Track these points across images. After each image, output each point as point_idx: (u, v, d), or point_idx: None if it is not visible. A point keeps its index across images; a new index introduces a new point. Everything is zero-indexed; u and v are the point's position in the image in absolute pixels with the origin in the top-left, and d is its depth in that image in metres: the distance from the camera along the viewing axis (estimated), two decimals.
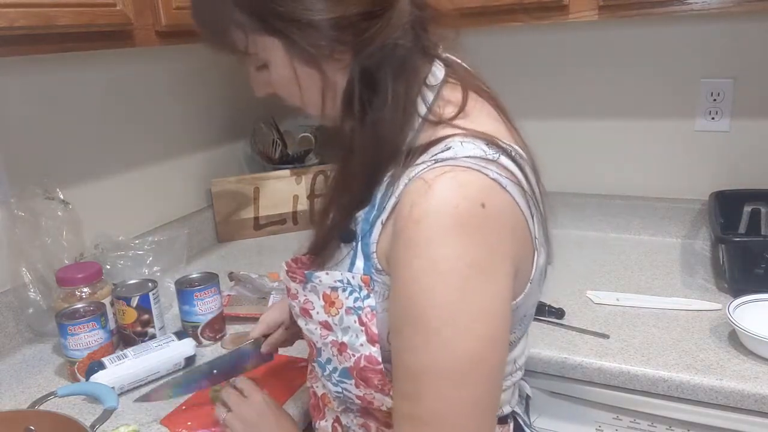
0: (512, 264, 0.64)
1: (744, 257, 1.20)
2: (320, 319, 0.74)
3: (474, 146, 0.64)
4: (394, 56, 0.66)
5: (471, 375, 0.61)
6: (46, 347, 1.19)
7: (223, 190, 1.73)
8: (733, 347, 1.05)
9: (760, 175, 1.45)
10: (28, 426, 0.82)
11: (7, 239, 1.19)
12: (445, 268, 0.60)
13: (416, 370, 0.62)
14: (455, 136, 0.65)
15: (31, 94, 1.26)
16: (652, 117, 1.53)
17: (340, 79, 0.69)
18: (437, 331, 0.60)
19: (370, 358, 0.70)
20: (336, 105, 0.71)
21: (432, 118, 0.68)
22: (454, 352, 0.61)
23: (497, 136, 0.67)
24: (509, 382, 0.79)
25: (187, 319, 1.16)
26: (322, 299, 0.73)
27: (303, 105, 0.74)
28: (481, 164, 0.63)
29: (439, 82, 0.70)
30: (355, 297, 0.70)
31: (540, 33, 1.58)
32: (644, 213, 1.57)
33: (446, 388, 0.61)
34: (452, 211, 0.59)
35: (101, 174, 1.42)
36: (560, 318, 1.18)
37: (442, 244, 0.60)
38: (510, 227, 0.64)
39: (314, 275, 0.73)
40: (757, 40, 1.39)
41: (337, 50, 0.66)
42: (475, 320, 0.61)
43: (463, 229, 0.60)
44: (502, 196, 0.63)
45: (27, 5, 0.88)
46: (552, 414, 1.14)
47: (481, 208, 0.60)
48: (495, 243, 0.62)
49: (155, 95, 1.56)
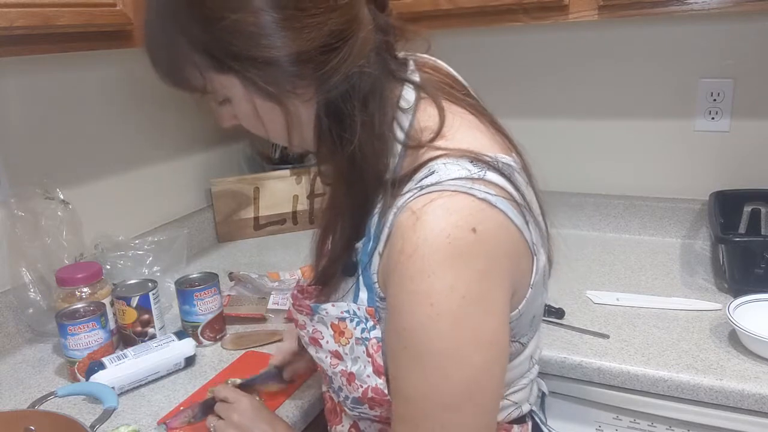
0: (509, 283, 0.64)
1: (744, 257, 1.20)
2: (330, 349, 0.74)
3: (458, 167, 0.63)
4: (360, 85, 0.64)
5: (468, 403, 0.62)
6: (46, 347, 1.19)
7: (223, 190, 1.73)
8: (733, 347, 1.05)
9: (760, 175, 1.45)
10: (28, 426, 0.82)
11: (7, 239, 1.19)
12: (439, 300, 0.59)
13: (413, 396, 0.63)
14: (438, 158, 0.64)
15: (31, 94, 1.26)
16: (652, 117, 1.53)
17: (305, 112, 0.67)
18: (433, 362, 0.61)
19: (376, 390, 0.70)
20: (304, 138, 0.69)
21: (411, 143, 0.67)
22: (450, 382, 0.61)
23: (480, 150, 0.65)
24: (526, 379, 0.79)
25: (187, 319, 1.16)
26: (331, 329, 0.73)
27: (269, 138, 0.72)
28: (467, 185, 0.61)
29: (413, 103, 0.69)
30: (362, 328, 0.70)
31: (540, 33, 1.58)
32: (644, 213, 1.57)
33: (443, 415, 0.62)
34: (443, 242, 0.59)
35: (101, 174, 1.42)
36: (560, 318, 1.18)
37: (436, 277, 0.59)
38: (504, 247, 0.63)
39: (320, 307, 0.73)
40: (757, 40, 1.39)
41: (299, 86, 0.64)
42: (471, 350, 0.61)
43: (456, 260, 0.59)
44: (493, 215, 0.62)
45: (26, 5, 0.88)
46: (552, 414, 1.14)
47: (473, 234, 0.59)
48: (488, 268, 0.61)
49: (155, 95, 1.56)
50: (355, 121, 0.64)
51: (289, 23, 0.60)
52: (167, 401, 1.00)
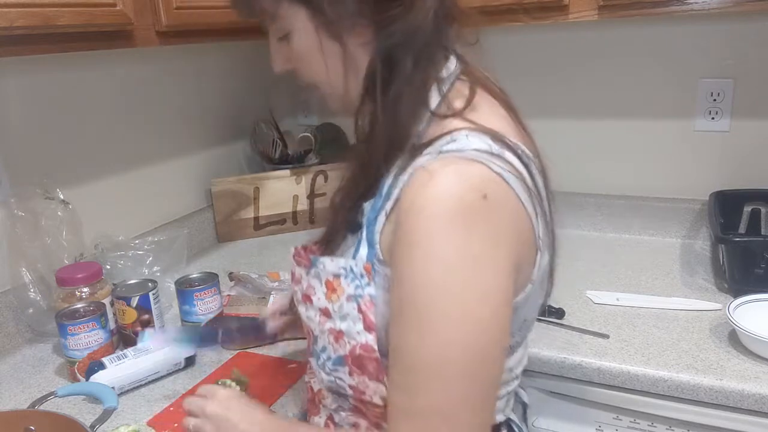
0: (513, 257, 0.63)
1: (744, 257, 1.20)
2: (320, 306, 0.74)
3: (479, 140, 0.65)
4: (415, 41, 0.67)
5: (468, 367, 0.61)
6: (46, 347, 1.19)
7: (223, 190, 1.73)
8: (733, 347, 1.05)
9: (760, 175, 1.45)
10: (28, 426, 0.82)
11: (7, 239, 1.19)
12: (445, 259, 0.60)
13: (414, 362, 0.62)
14: (462, 130, 0.66)
15: (31, 94, 1.26)
16: (652, 117, 1.53)
17: (361, 56, 0.70)
18: (436, 321, 0.60)
19: (365, 347, 0.70)
20: (357, 83, 0.71)
21: (440, 112, 0.69)
22: (452, 344, 0.61)
23: (504, 133, 0.67)
24: (504, 390, 0.79)
25: (187, 319, 1.16)
26: (325, 286, 0.73)
27: (322, 80, 0.74)
28: (485, 157, 0.63)
29: (452, 75, 0.71)
30: (356, 285, 0.70)
31: (540, 33, 1.58)
32: (644, 213, 1.57)
33: (443, 381, 0.61)
34: (453, 202, 0.60)
35: (101, 174, 1.42)
36: (560, 318, 1.18)
37: (443, 236, 0.60)
38: (511, 220, 0.64)
39: (319, 260, 0.73)
40: (757, 40, 1.39)
41: (359, 24, 0.68)
42: (475, 312, 0.61)
43: (464, 221, 0.60)
44: (505, 189, 0.63)
45: (27, 5, 0.88)
46: (552, 414, 1.14)
47: (483, 200, 0.60)
48: (495, 235, 0.62)
49: (155, 95, 1.56)
50: (403, 74, 0.67)
51: None
52: (167, 401, 1.00)
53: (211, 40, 1.33)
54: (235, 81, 1.85)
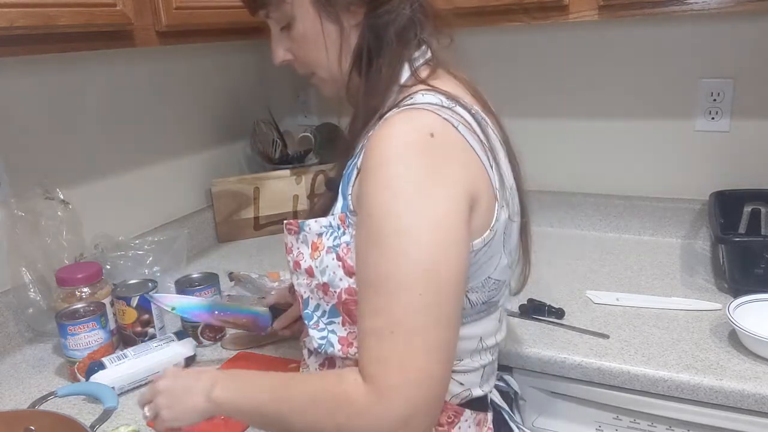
0: (463, 186, 0.69)
1: (744, 257, 1.20)
2: (306, 267, 0.79)
3: (433, 97, 0.74)
4: (399, 21, 0.77)
5: (426, 282, 0.65)
6: (46, 347, 1.19)
7: (223, 190, 1.73)
8: (733, 347, 1.05)
9: (760, 175, 1.45)
10: (28, 426, 0.82)
11: (7, 239, 1.19)
12: (394, 183, 0.66)
13: (375, 282, 0.67)
14: (420, 91, 0.75)
15: (31, 94, 1.26)
16: (652, 117, 1.53)
17: (353, 36, 0.78)
18: (390, 241, 0.66)
19: (349, 290, 0.75)
20: (347, 61, 0.80)
21: (409, 83, 0.77)
22: (407, 260, 0.65)
23: (462, 98, 0.76)
24: (476, 363, 0.81)
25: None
26: (310, 247, 0.79)
27: (323, 63, 0.80)
28: (435, 108, 0.71)
29: (424, 59, 0.80)
30: (334, 237, 0.76)
31: (540, 33, 1.58)
32: (644, 213, 1.57)
33: (404, 296, 0.65)
34: (402, 137, 0.68)
35: (101, 174, 1.42)
36: (560, 318, 1.18)
37: (392, 164, 0.67)
38: (459, 155, 0.70)
39: (305, 223, 0.79)
40: (757, 40, 1.39)
41: (354, 3, 0.76)
42: (425, 229, 0.66)
43: (411, 151, 0.67)
44: (453, 132, 0.70)
45: (27, 5, 0.88)
46: (552, 414, 1.14)
47: (430, 137, 0.68)
48: (442, 164, 0.68)
49: (155, 95, 1.56)
50: (387, 49, 0.77)
51: None
52: None
53: (211, 40, 1.33)
54: (235, 81, 1.85)
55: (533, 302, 1.19)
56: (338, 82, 0.82)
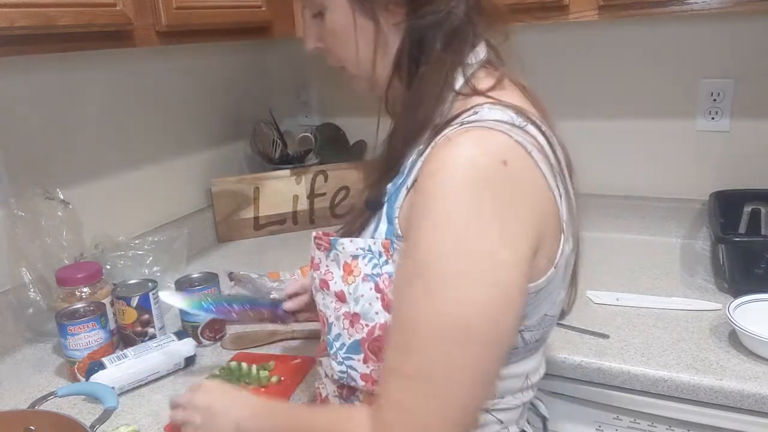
0: (531, 230, 0.61)
1: (744, 257, 1.20)
2: (336, 290, 0.72)
3: (502, 113, 0.64)
4: (446, 23, 0.68)
5: (465, 335, 0.59)
6: (46, 347, 1.19)
7: (223, 190, 1.73)
8: (733, 347, 1.05)
9: (760, 175, 1.45)
10: (28, 426, 0.82)
11: (7, 239, 1.19)
12: (455, 219, 0.58)
13: (413, 321, 0.60)
14: (484, 104, 0.66)
15: (31, 94, 1.26)
16: (653, 117, 1.53)
17: (392, 36, 0.71)
18: (440, 282, 0.58)
19: (384, 327, 0.68)
20: (386, 64, 0.72)
21: (465, 92, 0.69)
22: (454, 307, 0.58)
23: (529, 111, 0.67)
24: (518, 400, 0.76)
25: (187, 319, 1.16)
26: (342, 269, 0.72)
27: (353, 57, 0.74)
28: (506, 127, 0.62)
29: (479, 61, 0.72)
30: (374, 264, 0.69)
31: (540, 33, 1.58)
32: (644, 213, 1.57)
33: (440, 344, 0.59)
34: (469, 164, 0.59)
35: (101, 174, 1.42)
36: (560, 318, 1.17)
37: (455, 195, 0.59)
38: (531, 191, 0.62)
39: (338, 241, 0.73)
40: (757, 40, 1.39)
41: (393, 3, 0.69)
42: (482, 277, 0.58)
43: (479, 183, 0.59)
44: (526, 159, 0.62)
45: (27, 5, 0.88)
46: (552, 414, 1.14)
47: (502, 165, 0.59)
48: (512, 201, 0.60)
49: (155, 95, 1.56)
50: (432, 55, 0.69)
51: None
52: (167, 401, 0.99)
53: (211, 40, 1.33)
54: (235, 81, 1.85)
55: None
56: (370, 81, 0.75)
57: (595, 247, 1.54)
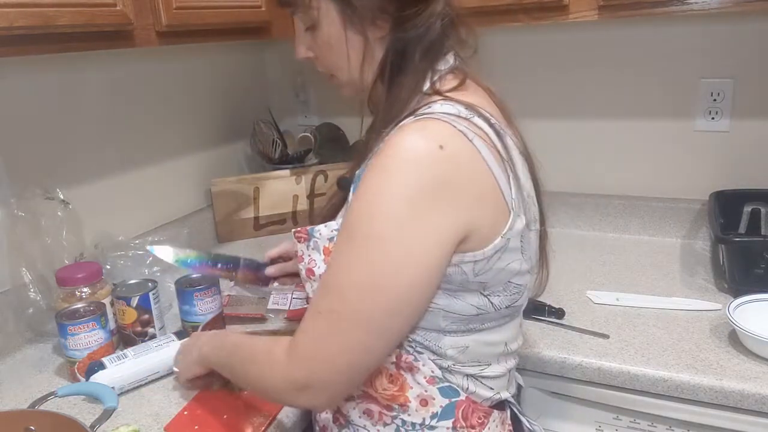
0: (461, 207, 0.68)
1: (744, 257, 1.20)
2: (320, 273, 0.78)
3: (451, 106, 0.73)
4: (425, 37, 0.77)
5: (376, 288, 0.68)
6: (46, 347, 1.19)
7: (223, 190, 1.73)
8: (733, 347, 1.05)
9: (760, 175, 1.45)
10: (28, 426, 0.82)
11: (7, 239, 1.19)
12: (383, 189, 0.67)
13: (337, 270, 0.71)
14: (439, 100, 0.75)
15: (31, 94, 1.26)
16: (652, 117, 1.53)
17: (377, 48, 0.79)
18: (362, 241, 0.68)
19: None
20: (372, 72, 0.80)
21: (429, 92, 0.77)
22: (369, 264, 0.68)
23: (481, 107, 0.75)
24: (503, 367, 0.83)
25: (187, 319, 1.16)
26: (323, 253, 0.79)
27: (344, 67, 0.81)
28: (451, 118, 0.71)
29: (448, 68, 0.80)
30: None
31: (540, 33, 1.58)
32: (644, 213, 1.57)
33: (352, 291, 0.69)
34: (409, 146, 0.68)
35: (101, 174, 1.42)
36: (560, 318, 1.18)
37: (394, 172, 0.67)
38: (466, 173, 0.69)
39: (315, 229, 0.79)
40: (757, 40, 1.39)
41: (380, 18, 0.76)
42: (394, 246, 0.67)
43: (410, 162, 0.67)
44: (466, 145, 0.69)
45: (27, 5, 0.88)
46: (552, 414, 1.14)
47: (439, 149, 0.67)
48: (443, 184, 0.67)
49: (155, 95, 1.56)
50: (412, 63, 0.77)
51: None
52: (167, 401, 1.00)
53: (210, 40, 1.33)
54: (235, 81, 1.85)
55: (533, 302, 1.19)
56: (358, 88, 0.83)
57: (595, 247, 1.54)
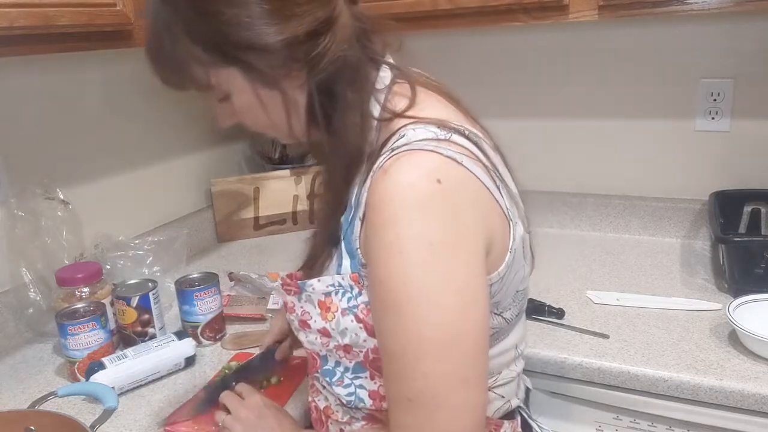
0: (480, 234, 0.65)
1: (744, 257, 1.20)
2: (318, 327, 0.75)
3: (425, 130, 0.67)
4: (346, 67, 0.70)
5: (450, 348, 0.62)
6: (46, 347, 1.19)
7: (223, 190, 1.73)
8: (733, 347, 1.05)
9: (760, 175, 1.45)
10: (28, 426, 0.82)
11: (7, 239, 1.19)
12: (407, 247, 0.61)
13: (396, 350, 0.64)
14: (408, 125, 0.69)
15: (31, 94, 1.26)
16: (652, 117, 1.53)
17: (299, 96, 0.72)
18: (408, 308, 0.62)
19: (375, 349, 0.71)
20: (300, 121, 0.74)
21: (386, 116, 0.72)
22: (428, 327, 0.62)
23: (449, 120, 0.70)
24: (513, 372, 0.81)
25: (187, 319, 1.16)
26: (318, 307, 0.74)
27: (269, 127, 0.76)
28: (432, 144, 0.65)
29: (388, 83, 0.74)
30: (348, 297, 0.72)
31: (540, 33, 1.58)
32: (644, 213, 1.57)
33: (427, 364, 0.62)
34: (408, 190, 0.62)
35: (101, 174, 1.42)
36: (560, 318, 1.18)
37: (401, 224, 0.62)
38: (470, 199, 0.65)
39: (307, 284, 0.75)
40: (757, 40, 1.39)
41: (293, 68, 0.70)
42: (444, 293, 0.62)
43: (421, 207, 0.62)
44: (458, 170, 0.65)
45: (27, 5, 0.88)
46: (552, 414, 1.14)
47: (437, 184, 0.63)
48: (455, 217, 0.63)
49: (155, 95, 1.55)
50: (343, 99, 0.71)
51: (279, 12, 0.67)
52: (167, 401, 1.00)
53: None
54: None
55: (533, 302, 1.19)
56: (295, 138, 0.78)
57: (595, 247, 1.54)
